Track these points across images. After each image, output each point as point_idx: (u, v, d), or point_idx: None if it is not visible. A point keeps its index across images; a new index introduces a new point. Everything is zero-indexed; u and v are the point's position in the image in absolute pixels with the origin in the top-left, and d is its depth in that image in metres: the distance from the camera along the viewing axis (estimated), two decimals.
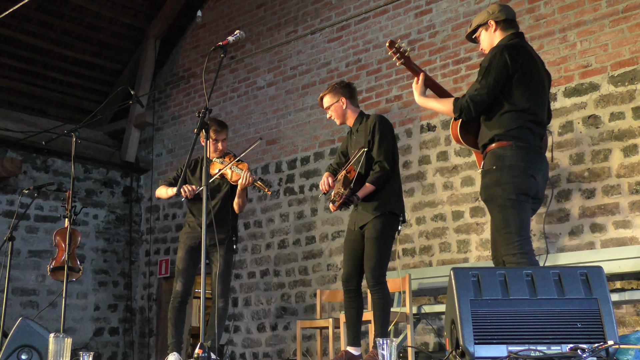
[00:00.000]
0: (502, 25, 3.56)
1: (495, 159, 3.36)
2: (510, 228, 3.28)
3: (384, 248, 4.16)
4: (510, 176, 3.29)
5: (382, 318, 4.14)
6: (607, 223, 5.17)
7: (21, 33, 8.19)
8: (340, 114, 4.43)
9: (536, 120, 3.41)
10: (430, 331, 5.94)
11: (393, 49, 3.79)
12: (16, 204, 7.60)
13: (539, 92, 3.45)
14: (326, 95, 4.46)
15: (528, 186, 3.30)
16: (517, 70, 3.36)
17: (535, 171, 3.34)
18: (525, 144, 3.34)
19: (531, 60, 3.46)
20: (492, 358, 2.50)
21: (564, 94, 5.56)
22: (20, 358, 3.79)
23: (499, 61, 3.36)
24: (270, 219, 7.48)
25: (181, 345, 4.92)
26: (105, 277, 8.71)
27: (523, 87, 3.38)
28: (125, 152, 8.95)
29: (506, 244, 3.30)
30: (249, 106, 8.02)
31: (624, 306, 5.00)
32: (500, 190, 3.31)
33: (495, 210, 3.37)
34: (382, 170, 4.17)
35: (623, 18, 5.33)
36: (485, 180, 3.41)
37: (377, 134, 4.22)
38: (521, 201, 3.30)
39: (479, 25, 3.63)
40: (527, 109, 3.37)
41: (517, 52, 3.40)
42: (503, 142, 3.35)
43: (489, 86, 3.37)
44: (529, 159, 3.32)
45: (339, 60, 7.19)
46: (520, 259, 3.22)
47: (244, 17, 8.33)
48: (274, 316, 7.20)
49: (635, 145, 5.13)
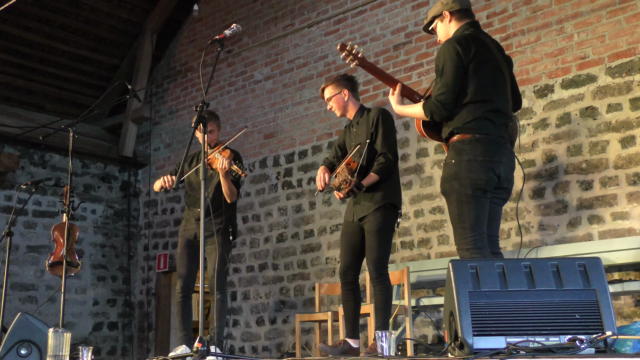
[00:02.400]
0: (456, 16, 3.56)
1: (455, 152, 3.38)
2: (465, 223, 3.31)
3: (386, 240, 4.18)
4: (467, 171, 3.30)
5: (384, 310, 4.15)
6: (605, 214, 5.18)
7: (17, 28, 8.16)
8: (342, 106, 4.44)
9: (496, 109, 3.39)
10: (429, 324, 5.96)
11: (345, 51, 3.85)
12: (14, 199, 7.58)
13: (496, 81, 3.43)
14: (328, 87, 4.47)
15: (485, 181, 3.30)
16: (471, 60, 3.35)
17: (495, 164, 3.33)
18: (485, 135, 3.34)
19: (484, 48, 3.44)
20: (491, 349, 2.50)
21: (562, 86, 5.56)
22: (20, 353, 3.79)
23: (451, 55, 3.36)
24: (269, 212, 7.48)
25: (191, 338, 4.90)
26: (104, 271, 8.71)
27: (478, 77, 3.36)
28: (123, 147, 8.93)
29: (459, 239, 3.33)
30: (247, 100, 8.01)
31: (622, 297, 5.02)
32: (457, 184, 3.33)
33: (451, 204, 3.39)
34: (387, 162, 4.19)
35: (620, 9, 5.32)
36: (444, 173, 3.44)
37: (380, 127, 4.25)
38: (477, 196, 3.31)
39: (434, 16, 3.64)
40: (484, 100, 3.36)
41: (467, 43, 3.39)
42: (462, 134, 3.36)
43: (449, 83, 3.36)
44: (488, 152, 3.32)
45: (336, 53, 7.17)
46: (472, 254, 3.26)
47: (240, 11, 8.31)
48: (273, 310, 7.21)
49: (633, 136, 5.13)
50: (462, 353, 2.57)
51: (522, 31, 5.84)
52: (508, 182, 3.48)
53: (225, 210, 5.04)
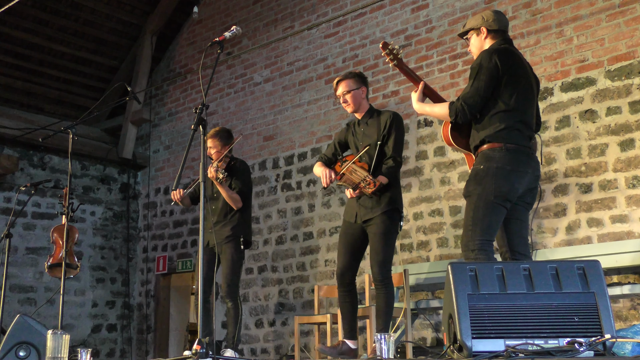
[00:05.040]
0: (492, 35, 3.63)
1: (484, 159, 3.42)
2: (477, 226, 3.34)
3: (391, 243, 4.20)
4: (494, 177, 3.35)
5: (386, 313, 4.15)
6: (604, 217, 5.18)
7: (17, 30, 8.17)
8: (358, 102, 4.42)
9: (525, 121, 3.47)
10: (428, 326, 5.95)
11: (386, 50, 3.87)
12: (13, 201, 7.58)
13: (527, 94, 3.52)
14: (348, 80, 4.41)
15: (508, 190, 3.35)
16: (506, 72, 3.43)
17: (522, 175, 3.39)
18: (515, 145, 3.41)
19: (520, 64, 3.54)
20: (490, 352, 2.50)
21: (561, 89, 5.56)
22: (19, 355, 3.79)
23: (489, 64, 3.43)
24: (268, 214, 7.48)
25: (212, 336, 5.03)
26: (103, 273, 8.71)
27: (512, 88, 3.44)
28: (122, 149, 8.93)
29: (467, 239, 3.36)
30: (246, 102, 8.01)
31: (621, 300, 5.02)
32: (480, 188, 3.37)
33: (469, 206, 3.43)
34: (396, 165, 4.24)
35: (619, 12, 5.33)
36: (471, 176, 3.48)
37: (394, 131, 4.28)
38: (497, 204, 3.35)
39: (471, 28, 3.70)
40: (515, 109, 3.43)
41: (506, 56, 3.48)
42: (493, 143, 3.42)
43: (480, 88, 3.43)
44: (516, 162, 3.38)
45: (336, 55, 7.19)
46: (477, 255, 3.29)
47: (240, 13, 8.32)
48: (272, 312, 7.21)
49: (632, 139, 5.13)
50: (461, 356, 2.57)
51: (521, 34, 5.84)
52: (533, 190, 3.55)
53: (238, 218, 5.21)
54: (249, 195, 5.37)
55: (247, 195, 5.33)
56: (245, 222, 5.28)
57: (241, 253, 5.23)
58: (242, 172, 5.32)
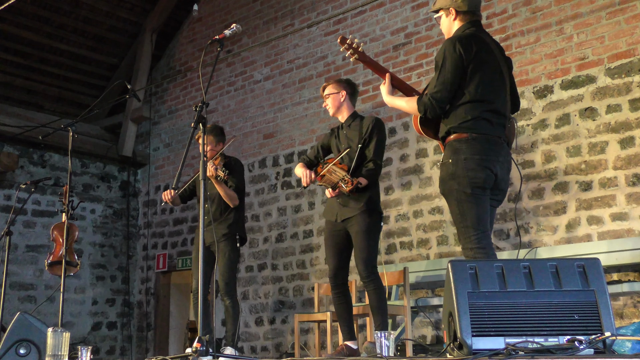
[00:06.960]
0: (462, 16, 3.55)
1: (452, 151, 3.36)
2: (467, 222, 3.30)
3: (374, 240, 4.25)
4: (465, 169, 3.29)
5: (380, 307, 4.19)
6: (604, 215, 5.18)
7: (17, 27, 8.16)
8: (337, 105, 4.52)
9: (494, 110, 3.39)
10: (428, 324, 5.96)
11: (345, 44, 3.87)
12: (13, 198, 7.58)
13: (494, 82, 3.43)
14: (329, 85, 4.57)
15: (483, 179, 3.29)
16: (472, 60, 3.35)
17: (492, 163, 3.32)
18: (482, 134, 3.33)
19: (485, 48, 3.44)
20: (490, 350, 2.50)
21: (561, 87, 5.56)
22: (19, 352, 3.79)
23: (452, 54, 3.36)
24: (268, 212, 7.48)
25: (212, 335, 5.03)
26: (103, 271, 8.71)
27: (477, 77, 3.36)
28: (122, 147, 8.93)
29: (463, 238, 3.32)
30: (246, 100, 8.01)
31: (621, 298, 5.02)
32: (455, 184, 3.32)
33: (452, 205, 3.39)
34: (376, 168, 4.33)
35: (619, 10, 5.32)
36: (442, 173, 3.42)
37: (375, 135, 4.35)
38: (477, 195, 3.30)
39: (440, 8, 3.63)
40: (482, 100, 3.35)
41: (469, 43, 3.39)
42: (459, 134, 3.35)
43: (446, 81, 3.36)
44: (485, 150, 3.31)
45: (336, 53, 7.18)
46: (477, 253, 3.25)
47: (240, 11, 8.31)
48: (272, 310, 7.21)
49: (632, 137, 5.13)
50: (461, 354, 2.57)
51: (521, 32, 5.84)
52: (504, 183, 3.48)
53: (233, 216, 5.22)
54: (243, 193, 5.40)
55: (242, 193, 5.36)
56: (240, 220, 5.31)
57: (237, 251, 5.28)
58: (237, 169, 5.34)
